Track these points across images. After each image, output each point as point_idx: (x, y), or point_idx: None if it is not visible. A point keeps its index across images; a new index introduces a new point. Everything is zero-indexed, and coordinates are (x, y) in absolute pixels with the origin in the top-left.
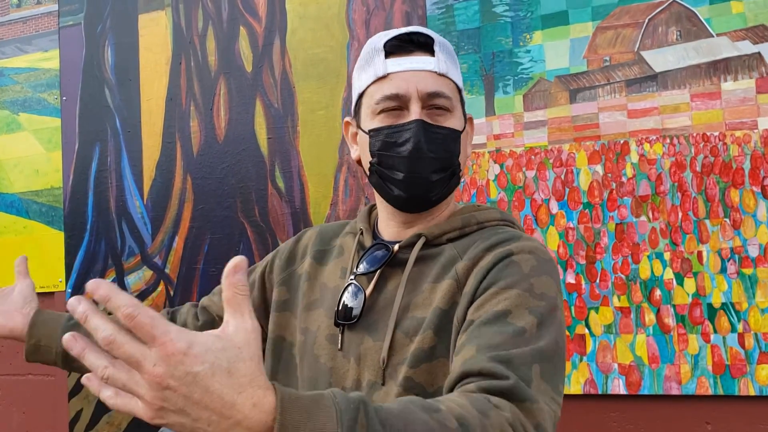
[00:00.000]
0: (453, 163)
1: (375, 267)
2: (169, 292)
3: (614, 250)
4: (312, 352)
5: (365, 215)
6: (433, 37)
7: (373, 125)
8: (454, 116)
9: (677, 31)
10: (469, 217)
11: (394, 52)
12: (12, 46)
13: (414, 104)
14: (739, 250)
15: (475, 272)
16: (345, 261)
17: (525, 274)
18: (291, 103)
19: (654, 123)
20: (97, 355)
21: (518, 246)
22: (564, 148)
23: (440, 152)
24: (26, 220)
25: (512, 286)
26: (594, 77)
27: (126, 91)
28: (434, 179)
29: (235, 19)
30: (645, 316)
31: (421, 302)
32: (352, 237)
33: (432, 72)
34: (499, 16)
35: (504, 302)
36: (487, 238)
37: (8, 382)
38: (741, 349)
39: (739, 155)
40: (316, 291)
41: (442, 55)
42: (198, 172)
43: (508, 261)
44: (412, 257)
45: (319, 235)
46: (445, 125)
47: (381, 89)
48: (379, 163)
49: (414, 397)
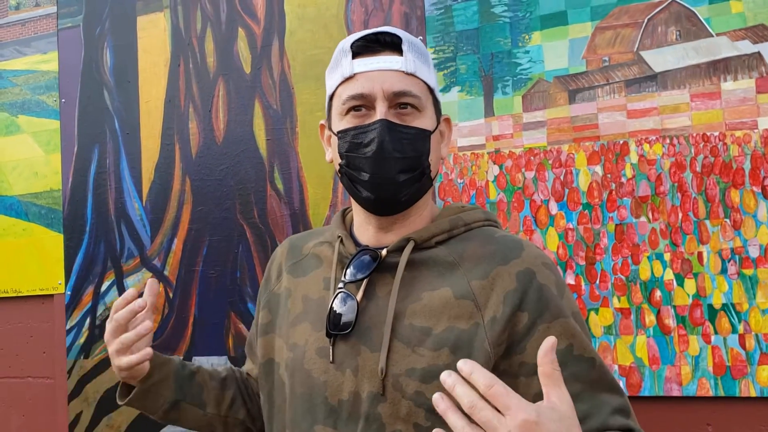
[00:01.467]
0: (421, 163)
1: (364, 273)
2: (168, 294)
3: (614, 251)
4: (303, 368)
5: (339, 222)
6: (401, 36)
7: (341, 126)
8: (424, 116)
9: (677, 30)
10: (456, 219)
11: (361, 52)
12: (11, 48)
13: (380, 104)
14: (739, 251)
15: (502, 296)
16: (326, 271)
17: (555, 295)
18: (290, 104)
19: (654, 123)
20: (458, 416)
21: (530, 260)
22: (563, 148)
23: (407, 152)
24: (25, 222)
25: (558, 315)
26: (593, 77)
27: (125, 93)
28: (401, 180)
29: (234, 21)
30: (645, 317)
31: (420, 310)
32: (329, 246)
33: (399, 71)
34: (498, 17)
35: (561, 338)
36: (482, 244)
37: (8, 384)
38: (742, 350)
39: (739, 155)
40: (299, 305)
41: (411, 54)
42: (197, 173)
43: (537, 286)
44: (403, 262)
45: (289, 250)
46: (412, 125)
47: (347, 90)
48: (347, 165)
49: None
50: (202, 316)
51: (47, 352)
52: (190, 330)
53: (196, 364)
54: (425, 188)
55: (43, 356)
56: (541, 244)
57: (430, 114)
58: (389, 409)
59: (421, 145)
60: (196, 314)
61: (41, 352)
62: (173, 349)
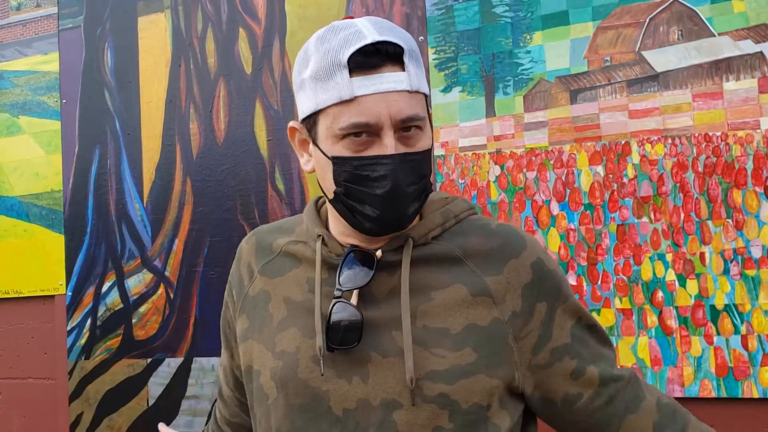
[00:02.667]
0: (427, 185)
1: (361, 281)
2: (169, 295)
3: (616, 252)
4: (297, 377)
5: (314, 216)
6: (401, 44)
7: (337, 151)
8: (425, 133)
9: (678, 30)
10: (446, 211)
11: (360, 68)
12: (12, 49)
13: (387, 133)
14: (741, 251)
15: (519, 290)
16: (308, 271)
17: (560, 276)
18: (291, 104)
19: (655, 123)
20: None
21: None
22: (565, 149)
23: (417, 180)
24: (26, 223)
25: (567, 294)
26: (595, 77)
27: (125, 94)
28: (411, 211)
29: (235, 21)
30: (647, 318)
31: (433, 311)
32: (304, 245)
33: (404, 92)
34: (499, 17)
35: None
36: (485, 237)
37: (9, 385)
38: (744, 351)
39: (741, 155)
40: (282, 308)
41: (412, 65)
42: (198, 174)
43: (549, 273)
44: (407, 261)
45: (257, 248)
46: (416, 148)
47: (347, 114)
48: (346, 195)
49: None
50: (203, 316)
51: (48, 352)
52: (191, 330)
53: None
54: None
55: (44, 357)
56: (543, 245)
57: (427, 126)
58: (407, 415)
59: (427, 165)
60: (197, 315)
61: (42, 353)
62: (174, 350)
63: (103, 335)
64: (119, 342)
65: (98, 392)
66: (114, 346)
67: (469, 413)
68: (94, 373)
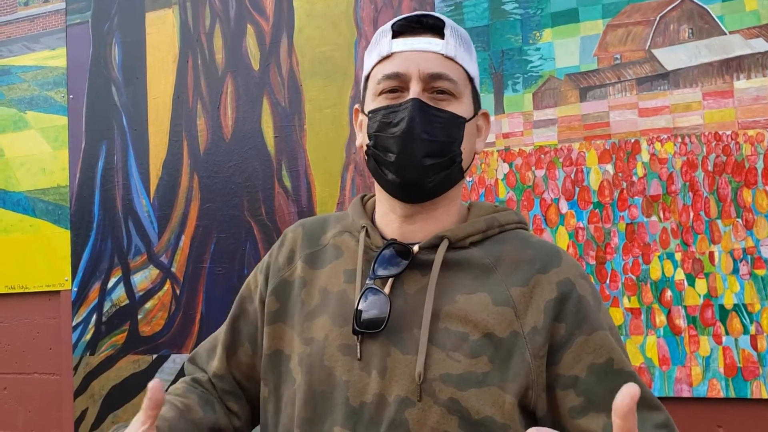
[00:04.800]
0: (452, 150)
1: (395, 269)
2: (175, 291)
3: (625, 251)
4: (322, 364)
5: (360, 209)
6: (444, 20)
7: (373, 106)
8: (461, 103)
9: (689, 28)
10: (491, 219)
11: (402, 32)
12: (19, 44)
13: (414, 84)
14: (751, 251)
15: (542, 306)
16: (347, 263)
17: (593, 307)
18: (298, 101)
19: (665, 122)
20: None
21: (569, 270)
22: (574, 146)
23: (437, 135)
24: (32, 218)
25: (597, 328)
26: (604, 75)
27: (133, 90)
28: (427, 164)
29: (243, 17)
30: (656, 318)
31: (455, 314)
32: (350, 236)
33: (438, 54)
34: (509, 14)
35: (600, 351)
36: (521, 248)
37: (14, 380)
38: (753, 351)
39: (751, 154)
40: (316, 296)
41: (453, 39)
42: (205, 170)
43: (577, 297)
44: (438, 261)
45: (305, 236)
46: (447, 109)
47: (383, 69)
48: (375, 146)
49: None
50: (209, 312)
51: (53, 348)
52: (197, 327)
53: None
54: (455, 178)
55: (50, 352)
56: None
57: (467, 102)
58: (418, 415)
59: (455, 131)
60: (203, 311)
61: (47, 349)
62: (180, 346)
63: (109, 331)
64: (125, 338)
65: (103, 388)
66: (119, 342)
67: (479, 425)
68: (100, 368)
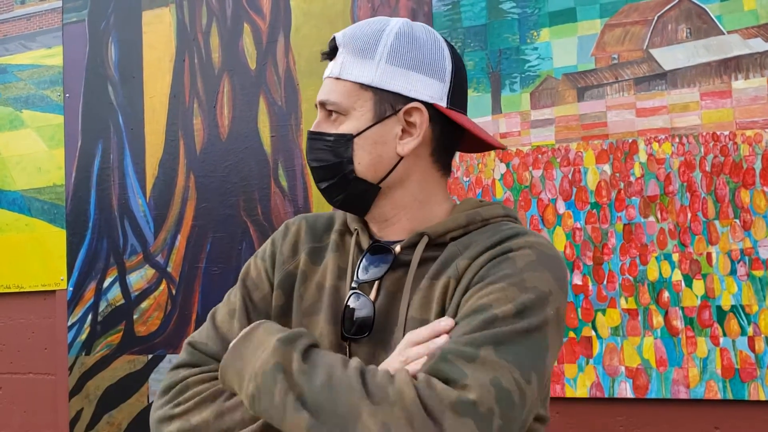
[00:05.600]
0: (342, 169)
1: (377, 274)
2: (171, 291)
3: (622, 251)
4: None
5: None
6: (338, 38)
7: None
8: (350, 118)
9: (687, 28)
10: (473, 213)
11: (328, 59)
12: (16, 42)
13: (318, 114)
14: (749, 252)
15: (471, 269)
16: (343, 260)
17: (518, 269)
18: (295, 100)
19: (663, 122)
20: None
21: (519, 242)
22: (571, 147)
23: (324, 159)
24: (28, 217)
25: (499, 280)
26: (602, 75)
27: (129, 89)
28: (323, 187)
29: (239, 16)
30: (653, 319)
31: (418, 301)
32: (347, 235)
33: (330, 78)
34: (506, 13)
35: (487, 297)
36: (490, 235)
37: (9, 380)
38: (751, 353)
39: (749, 155)
40: (313, 293)
41: (343, 55)
42: (201, 170)
43: (504, 257)
44: (415, 260)
45: (309, 230)
46: (331, 131)
47: None
48: None
49: None
50: (205, 312)
51: (49, 348)
52: (193, 327)
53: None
54: (365, 192)
55: (45, 352)
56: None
57: (358, 114)
58: None
59: (342, 150)
60: (198, 311)
61: (43, 349)
62: (176, 346)
63: (104, 331)
64: (120, 338)
65: (98, 388)
66: (115, 342)
67: None
68: (95, 369)
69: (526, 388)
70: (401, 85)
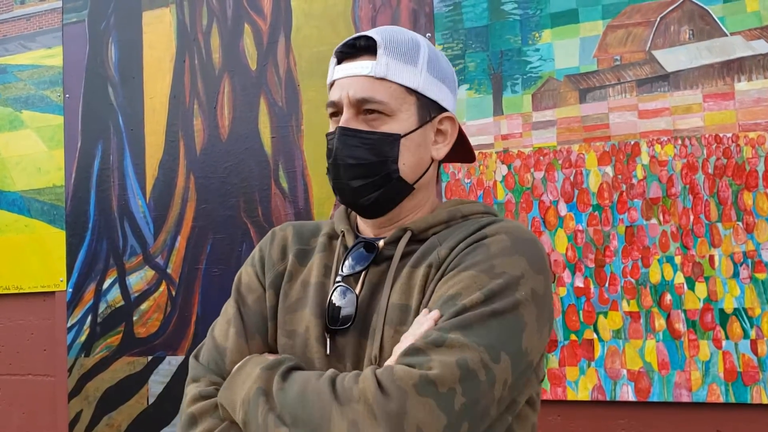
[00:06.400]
0: (385, 168)
1: (361, 267)
2: (170, 292)
3: (624, 254)
4: (305, 356)
5: (344, 217)
6: (377, 38)
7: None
8: (395, 119)
9: (690, 30)
10: (454, 210)
11: (343, 58)
12: (15, 42)
13: (345, 111)
14: (752, 254)
15: (450, 256)
16: (329, 259)
17: (490, 255)
18: (295, 101)
19: (665, 124)
20: None
21: (494, 228)
22: (573, 148)
23: (366, 157)
24: (28, 218)
25: (470, 267)
26: (604, 77)
27: (129, 89)
28: (356, 185)
29: (240, 17)
30: (655, 321)
31: (399, 288)
32: (333, 238)
33: (367, 77)
34: (508, 14)
35: (457, 285)
36: (469, 226)
37: (8, 382)
38: (753, 356)
39: (752, 157)
40: (298, 290)
41: (386, 57)
42: (201, 171)
43: (479, 244)
44: (398, 253)
45: (296, 235)
46: (378, 130)
47: (329, 96)
48: (327, 169)
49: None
50: (204, 314)
51: (48, 349)
52: (193, 328)
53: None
54: (400, 191)
55: (44, 354)
56: (549, 246)
57: (404, 117)
58: None
59: (387, 149)
60: (198, 312)
61: (42, 350)
62: (175, 348)
63: (104, 332)
64: (120, 339)
65: (98, 390)
66: (114, 344)
67: None
68: (94, 370)
69: (495, 368)
70: (437, 94)
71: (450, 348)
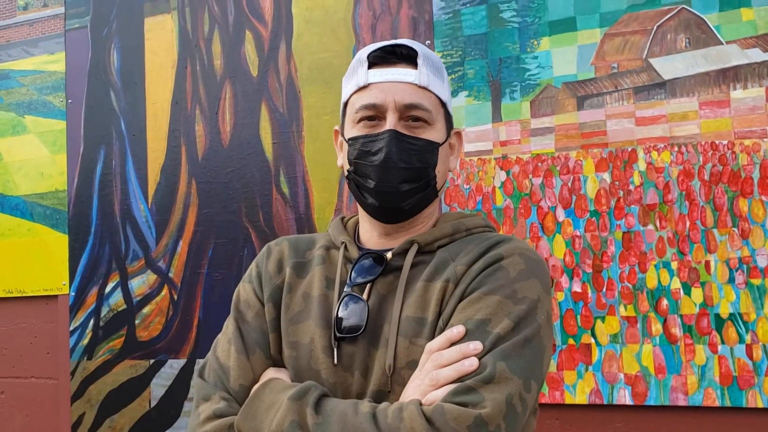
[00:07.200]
0: (427, 174)
1: (369, 276)
2: (172, 297)
3: (621, 259)
4: (310, 367)
5: (341, 228)
6: (417, 50)
7: (353, 134)
8: (434, 129)
9: (686, 38)
10: (458, 224)
11: (377, 63)
12: (18, 48)
13: (390, 115)
14: (747, 260)
15: (467, 275)
16: (330, 271)
17: (511, 279)
18: (296, 107)
19: (662, 131)
20: None
21: (508, 248)
22: (571, 155)
23: (413, 162)
24: (30, 222)
25: (495, 291)
26: (602, 84)
27: (131, 95)
28: (404, 189)
29: (241, 23)
30: (652, 326)
31: (415, 301)
32: (332, 250)
33: (412, 84)
34: (507, 22)
35: (485, 310)
36: (479, 243)
37: (11, 384)
38: (749, 361)
39: (748, 164)
40: (299, 302)
41: (426, 68)
42: (203, 176)
43: (497, 266)
44: (407, 264)
45: (292, 248)
46: (422, 137)
47: (361, 99)
48: (355, 172)
49: None
50: (206, 318)
51: (51, 352)
52: (195, 332)
53: None
54: (429, 198)
55: (47, 357)
56: (547, 252)
57: (440, 127)
58: None
59: (429, 156)
60: (200, 316)
61: (45, 353)
62: (177, 351)
63: (106, 336)
64: (122, 343)
65: (100, 393)
66: (117, 347)
67: None
68: (97, 373)
69: (528, 398)
70: (450, 110)
71: (498, 384)
